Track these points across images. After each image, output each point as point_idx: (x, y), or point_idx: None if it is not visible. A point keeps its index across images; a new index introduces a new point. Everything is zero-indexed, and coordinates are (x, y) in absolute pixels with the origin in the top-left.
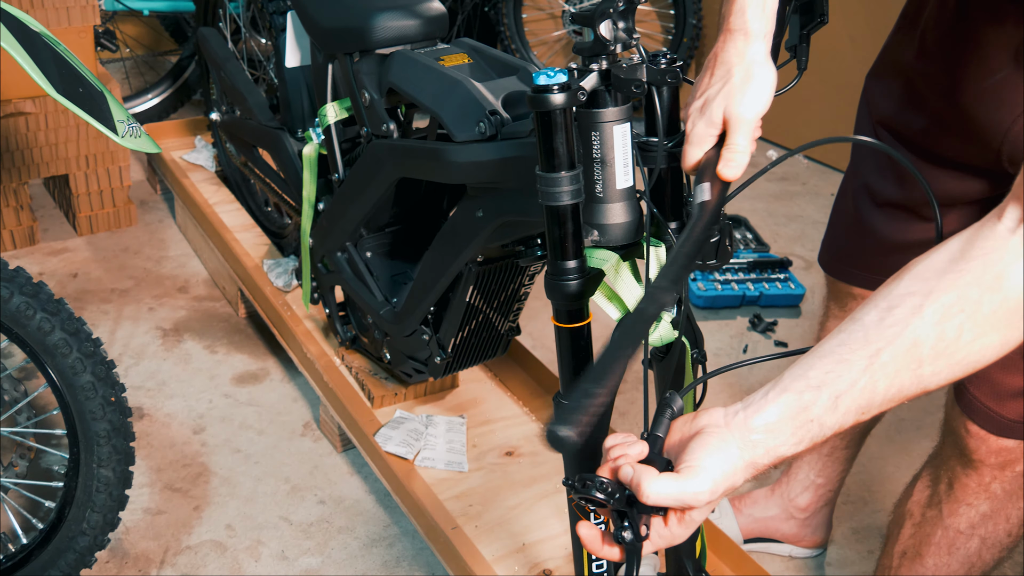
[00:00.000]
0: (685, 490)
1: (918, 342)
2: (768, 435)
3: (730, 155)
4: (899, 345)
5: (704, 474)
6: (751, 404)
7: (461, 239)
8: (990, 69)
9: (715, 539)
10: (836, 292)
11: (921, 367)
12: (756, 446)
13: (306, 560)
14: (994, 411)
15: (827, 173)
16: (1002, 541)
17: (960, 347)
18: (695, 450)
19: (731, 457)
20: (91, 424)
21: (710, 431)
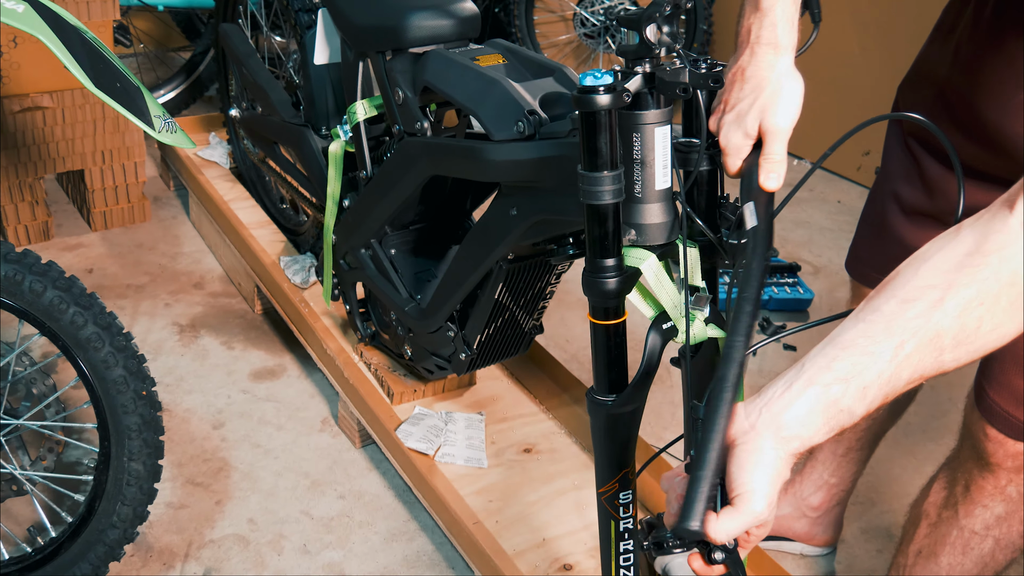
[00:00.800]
0: (747, 519)
1: (940, 334)
2: (801, 428)
3: (770, 166)
4: (922, 337)
5: (757, 496)
6: (774, 399)
7: (494, 236)
8: (1021, 83)
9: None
10: (859, 297)
11: (942, 355)
12: (790, 441)
13: (328, 554)
14: (1013, 416)
15: (834, 180)
16: (1015, 542)
17: (979, 336)
18: (737, 474)
19: (771, 462)
20: (122, 418)
21: (742, 442)
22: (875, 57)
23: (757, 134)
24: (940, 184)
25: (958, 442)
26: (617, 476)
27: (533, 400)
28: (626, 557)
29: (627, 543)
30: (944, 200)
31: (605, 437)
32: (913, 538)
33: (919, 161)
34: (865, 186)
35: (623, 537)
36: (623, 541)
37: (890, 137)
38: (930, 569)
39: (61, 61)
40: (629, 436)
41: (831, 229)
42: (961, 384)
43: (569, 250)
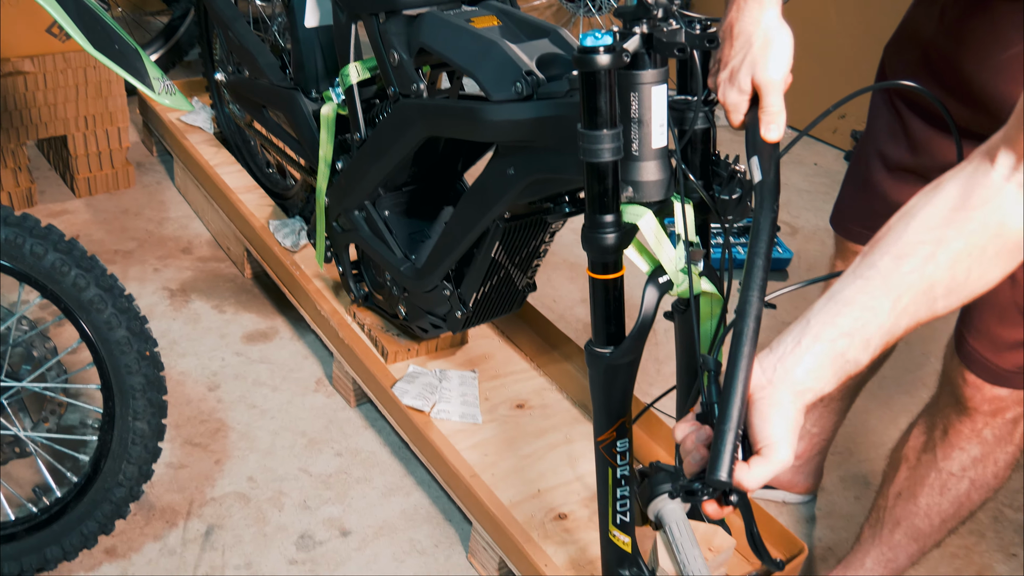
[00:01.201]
0: (775, 467)
1: (934, 285)
2: (813, 381)
3: (768, 118)
4: (917, 289)
5: (782, 445)
6: (786, 355)
7: (491, 196)
8: (1004, 44)
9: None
10: (843, 251)
11: (935, 303)
12: (804, 393)
13: (328, 509)
14: (991, 362)
15: (809, 143)
16: (989, 483)
17: (969, 283)
18: (761, 426)
19: (790, 414)
20: (126, 378)
21: (761, 396)
22: (853, 23)
23: (752, 88)
24: (924, 142)
25: (937, 389)
26: (615, 425)
27: (524, 357)
28: (623, 503)
29: (623, 489)
30: (927, 157)
31: (603, 388)
32: (893, 481)
33: (904, 120)
34: (840, 148)
35: (620, 483)
36: (620, 487)
37: (876, 97)
38: (909, 509)
39: (59, 23)
40: (626, 387)
41: (808, 191)
42: (934, 339)
43: (565, 208)
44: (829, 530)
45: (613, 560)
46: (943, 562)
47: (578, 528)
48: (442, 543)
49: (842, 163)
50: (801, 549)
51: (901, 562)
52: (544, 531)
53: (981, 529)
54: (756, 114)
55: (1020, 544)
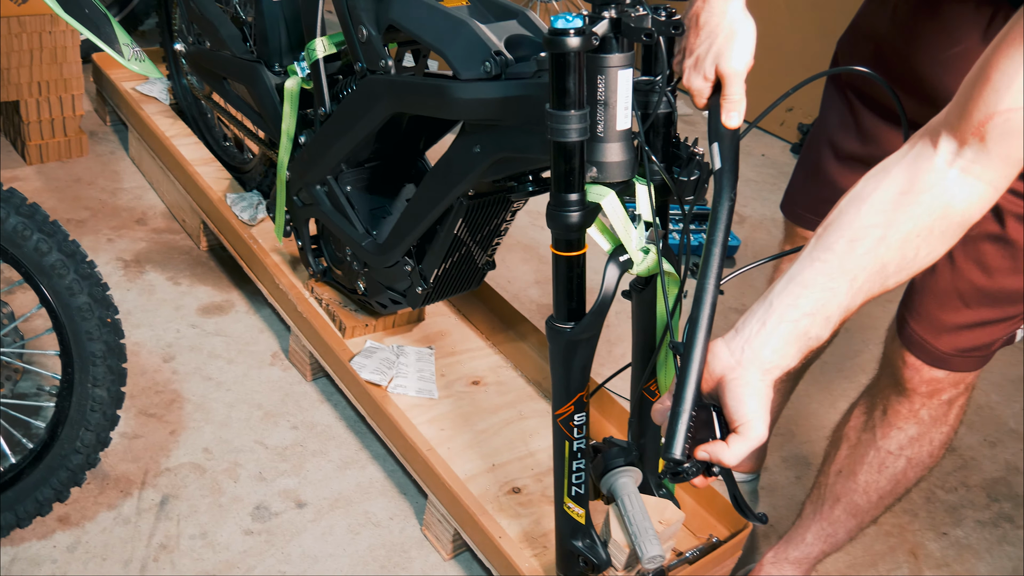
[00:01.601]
0: (753, 443)
1: (886, 264)
2: (779, 359)
3: (730, 106)
4: (871, 269)
5: (758, 422)
6: (752, 336)
7: (457, 173)
8: (953, 41)
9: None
10: (792, 236)
11: (887, 279)
12: (772, 370)
13: (283, 481)
14: (931, 344)
15: (758, 135)
16: (924, 461)
17: (917, 261)
18: (735, 406)
19: (761, 391)
20: (87, 344)
21: (733, 377)
22: (804, 19)
23: (715, 77)
24: (874, 132)
25: (878, 371)
26: (573, 399)
27: (480, 335)
28: (578, 475)
29: (579, 462)
30: (876, 147)
31: (563, 362)
32: (834, 459)
33: (856, 112)
34: (788, 141)
35: (576, 456)
36: (576, 460)
37: (828, 88)
38: (849, 486)
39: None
40: (585, 362)
41: (756, 181)
42: (873, 327)
43: (529, 187)
44: (771, 508)
45: (567, 531)
46: (878, 540)
47: (531, 502)
48: (397, 516)
49: (789, 155)
50: (745, 524)
51: (840, 537)
52: (498, 504)
53: (914, 509)
54: (718, 101)
55: (951, 524)
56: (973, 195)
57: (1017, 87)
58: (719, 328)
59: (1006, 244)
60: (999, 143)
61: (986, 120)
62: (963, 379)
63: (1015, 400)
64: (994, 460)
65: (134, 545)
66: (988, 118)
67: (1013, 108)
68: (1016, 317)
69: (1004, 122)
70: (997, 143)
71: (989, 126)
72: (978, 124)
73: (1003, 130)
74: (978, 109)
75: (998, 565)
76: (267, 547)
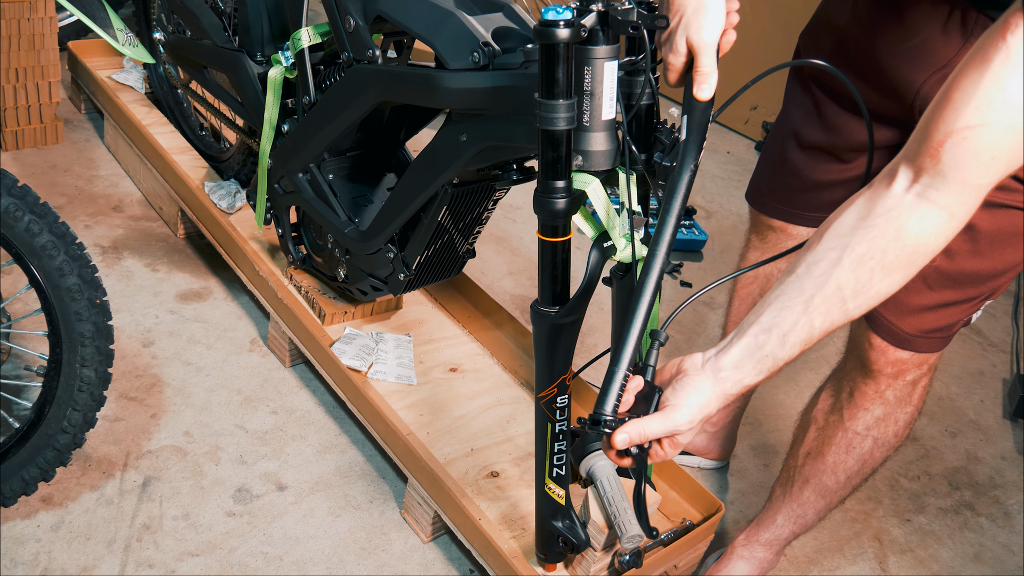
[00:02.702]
0: (666, 425)
1: (841, 286)
2: (734, 371)
3: (700, 78)
4: (827, 290)
5: (684, 409)
6: (720, 348)
7: (442, 161)
8: (911, 34)
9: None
10: (757, 225)
11: (845, 304)
12: (725, 381)
13: (264, 464)
14: (895, 325)
15: (723, 132)
16: (890, 441)
17: (872, 286)
18: (678, 391)
19: (705, 393)
20: (76, 325)
21: (690, 374)
22: (764, 15)
23: (687, 50)
24: (836, 122)
25: (844, 354)
26: (556, 382)
27: (456, 324)
28: (559, 456)
29: (561, 444)
30: (838, 137)
31: (547, 346)
32: (803, 442)
33: (819, 103)
34: (751, 138)
35: (558, 438)
36: (557, 442)
37: (791, 81)
38: (817, 467)
39: None
40: (569, 346)
41: (721, 177)
42: None
43: (513, 175)
44: (740, 494)
45: (547, 512)
46: (844, 525)
47: (509, 485)
48: (376, 499)
49: (753, 152)
50: (719, 507)
51: (809, 518)
52: (477, 487)
53: (878, 496)
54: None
55: (914, 510)
56: (927, 221)
57: (976, 104)
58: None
59: (967, 229)
60: (954, 165)
61: (944, 139)
62: (926, 360)
63: (974, 392)
64: (955, 450)
65: (117, 525)
66: (946, 137)
67: (970, 126)
68: (976, 299)
69: (960, 140)
70: (952, 165)
71: (946, 145)
72: (936, 145)
73: (959, 150)
74: (937, 130)
75: (959, 551)
76: (249, 528)
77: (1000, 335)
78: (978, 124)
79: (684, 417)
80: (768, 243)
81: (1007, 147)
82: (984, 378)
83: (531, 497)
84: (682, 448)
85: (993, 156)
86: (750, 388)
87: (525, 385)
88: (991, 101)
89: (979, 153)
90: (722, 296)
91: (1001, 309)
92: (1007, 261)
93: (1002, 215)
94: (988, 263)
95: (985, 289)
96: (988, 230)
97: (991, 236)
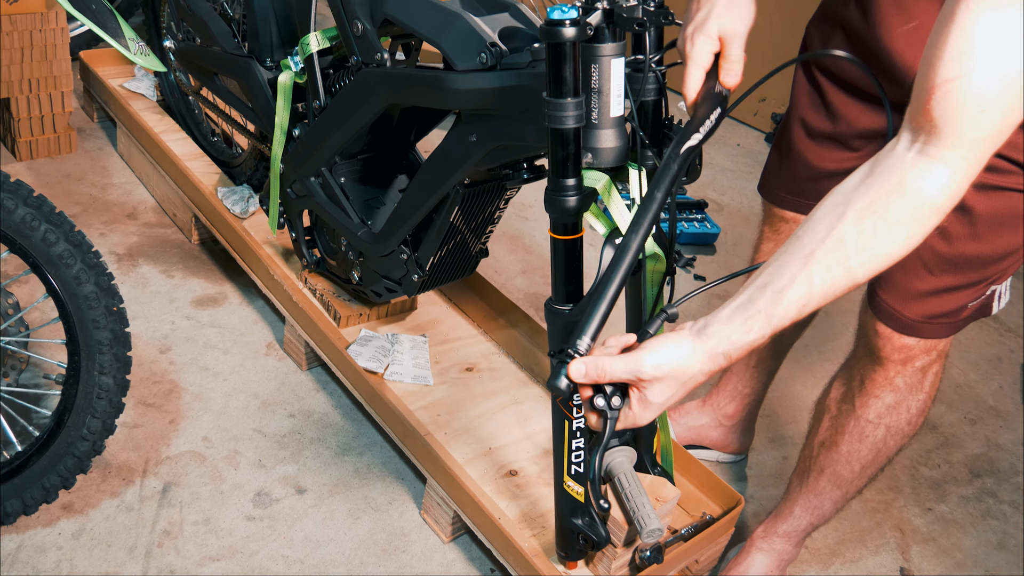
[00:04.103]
0: (629, 366)
1: (842, 240)
2: (721, 327)
3: (729, 64)
4: (828, 245)
5: (651, 354)
6: (714, 313)
7: (453, 161)
8: (908, 17)
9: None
10: (770, 216)
11: (848, 260)
12: (710, 337)
13: (283, 468)
14: (899, 312)
15: (733, 125)
16: (903, 429)
17: (877, 242)
18: (650, 342)
19: (682, 347)
20: (93, 333)
21: (674, 333)
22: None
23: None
24: (842, 109)
25: (854, 343)
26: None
27: (471, 323)
28: (577, 454)
29: (579, 441)
30: (844, 124)
31: (562, 343)
32: (817, 432)
33: (823, 89)
34: (761, 130)
35: (575, 436)
36: (575, 439)
37: (798, 70)
38: (832, 457)
39: None
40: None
41: (732, 170)
42: (852, 311)
43: (523, 174)
44: (759, 487)
45: (567, 510)
46: (865, 516)
47: (528, 484)
48: (396, 500)
49: (763, 144)
50: (738, 501)
51: (826, 508)
52: (496, 487)
53: (899, 486)
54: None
55: (935, 499)
56: (930, 175)
57: (949, 58)
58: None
59: (964, 212)
60: (945, 119)
61: (929, 96)
62: (934, 346)
63: (992, 378)
64: (975, 437)
65: (138, 531)
66: (930, 94)
67: (948, 79)
68: (979, 283)
69: (944, 95)
70: (943, 119)
71: (932, 102)
72: (925, 103)
73: (944, 104)
74: (923, 89)
75: (983, 539)
76: (269, 532)
77: (1017, 320)
78: (955, 77)
79: (650, 361)
80: (781, 235)
81: (994, 97)
82: (1002, 364)
83: (550, 495)
84: (655, 411)
85: (982, 108)
86: (741, 351)
87: (541, 383)
88: (961, 52)
89: (966, 105)
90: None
91: (1017, 294)
92: (1007, 245)
93: (999, 198)
94: (988, 246)
95: (988, 273)
96: (986, 213)
97: (989, 219)
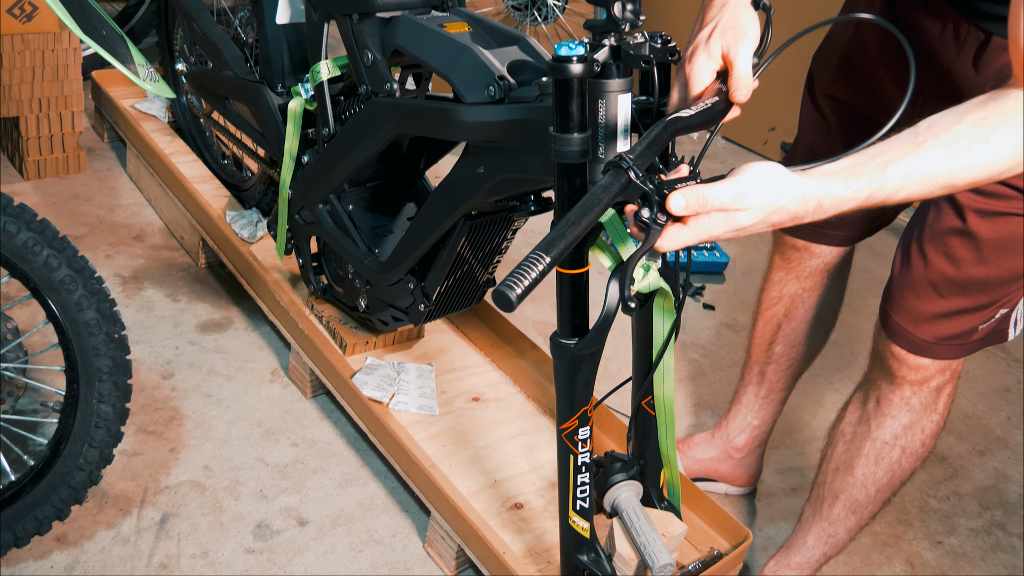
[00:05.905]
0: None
1: (956, 138)
2: (823, 177)
3: (737, 82)
4: (941, 140)
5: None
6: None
7: (460, 193)
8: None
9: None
10: (780, 244)
11: (955, 159)
12: (810, 178)
13: (285, 499)
14: (912, 333)
15: (742, 153)
16: (918, 450)
17: (988, 149)
18: (743, 168)
19: (780, 176)
20: (93, 360)
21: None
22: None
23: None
24: (845, 135)
25: (868, 365)
26: (577, 413)
27: (479, 352)
28: (583, 489)
29: (584, 476)
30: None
31: (567, 377)
32: (831, 457)
33: (826, 116)
34: (770, 159)
35: (580, 470)
36: (580, 474)
37: (805, 100)
38: (847, 481)
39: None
40: (589, 377)
41: None
42: (861, 340)
43: (530, 207)
44: (768, 520)
45: (572, 546)
46: (875, 550)
47: (534, 517)
48: (399, 533)
49: None
50: (746, 536)
51: (841, 537)
52: (501, 520)
53: (908, 519)
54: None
55: (944, 532)
56: None
57: None
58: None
59: (969, 237)
60: None
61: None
62: (948, 366)
63: (1000, 409)
64: (983, 468)
65: (133, 564)
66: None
67: None
68: (988, 306)
69: None
70: None
71: None
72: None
73: None
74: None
75: (993, 572)
76: (269, 566)
77: None
78: None
79: (753, 186)
80: (791, 263)
81: None
82: (1010, 394)
83: (556, 529)
84: (703, 237)
85: None
86: (832, 203)
87: (548, 414)
88: None
89: None
90: (745, 318)
91: None
92: (1012, 268)
93: (1002, 223)
94: (994, 270)
95: (996, 296)
96: (990, 238)
97: (993, 244)
